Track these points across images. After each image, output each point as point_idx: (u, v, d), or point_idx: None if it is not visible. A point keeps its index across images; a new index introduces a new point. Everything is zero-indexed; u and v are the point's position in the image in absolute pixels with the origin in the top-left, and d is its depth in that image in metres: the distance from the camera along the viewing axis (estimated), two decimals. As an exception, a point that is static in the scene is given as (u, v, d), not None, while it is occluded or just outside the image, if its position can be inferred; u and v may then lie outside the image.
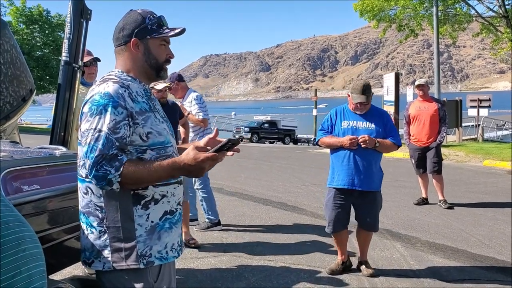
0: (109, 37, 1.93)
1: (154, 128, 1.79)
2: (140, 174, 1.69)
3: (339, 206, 3.90)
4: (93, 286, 2.24)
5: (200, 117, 5.01)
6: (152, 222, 1.79)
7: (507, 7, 18.13)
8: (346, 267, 4.04)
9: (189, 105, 5.08)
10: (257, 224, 5.68)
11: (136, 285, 1.78)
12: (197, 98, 5.11)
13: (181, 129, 4.99)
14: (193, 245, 4.62)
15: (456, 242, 4.98)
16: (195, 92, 5.23)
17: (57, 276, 2.57)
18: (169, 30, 1.87)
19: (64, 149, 2.69)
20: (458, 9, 19.82)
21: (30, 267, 1.30)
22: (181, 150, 1.87)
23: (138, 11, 1.87)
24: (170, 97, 5.16)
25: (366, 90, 3.82)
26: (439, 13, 18.04)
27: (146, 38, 1.84)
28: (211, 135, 1.91)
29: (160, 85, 4.71)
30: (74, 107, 3.31)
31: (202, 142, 1.90)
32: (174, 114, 4.75)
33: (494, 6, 19.03)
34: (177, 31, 1.87)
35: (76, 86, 3.31)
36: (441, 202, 6.72)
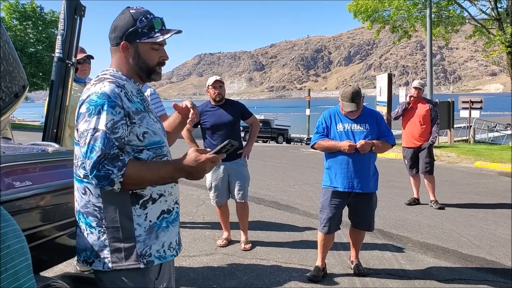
0: (105, 34, 1.92)
1: (150, 128, 1.79)
2: (142, 175, 1.69)
3: (335, 207, 3.91)
4: (85, 283, 2.24)
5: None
6: (150, 221, 1.79)
7: (499, 9, 18.26)
8: (325, 274, 3.99)
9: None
10: (249, 222, 5.67)
11: (139, 283, 1.78)
12: (155, 93, 4.59)
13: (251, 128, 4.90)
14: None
15: (447, 242, 5.02)
16: (151, 87, 4.63)
17: (48, 273, 2.57)
18: (159, 34, 1.83)
19: (56, 145, 2.67)
20: (451, 11, 19.91)
21: (16, 263, 1.30)
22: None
23: (132, 11, 1.82)
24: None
25: (355, 97, 3.78)
26: (433, 15, 18.12)
27: (136, 42, 1.81)
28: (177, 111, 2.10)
29: (211, 79, 4.62)
30: (67, 104, 3.29)
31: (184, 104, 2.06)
32: (235, 113, 4.68)
33: (486, 9, 19.16)
34: (166, 36, 1.83)
35: (69, 83, 3.29)
36: (433, 202, 6.76)
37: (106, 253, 1.76)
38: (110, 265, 1.76)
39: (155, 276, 1.83)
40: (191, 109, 2.06)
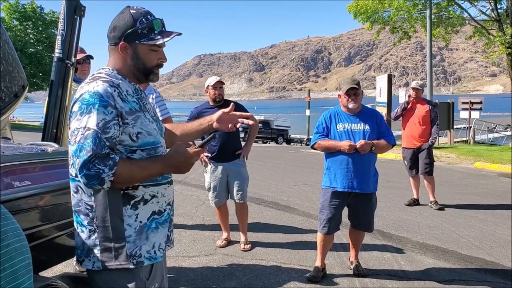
0: (104, 34, 1.91)
1: (144, 128, 1.78)
2: (133, 173, 1.70)
3: (335, 208, 3.90)
4: (84, 283, 2.24)
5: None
6: (140, 222, 1.79)
7: (499, 11, 18.26)
8: (324, 274, 4.00)
9: (152, 102, 4.38)
10: (249, 223, 5.67)
11: (129, 283, 1.78)
12: (160, 95, 4.54)
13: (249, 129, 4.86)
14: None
15: (447, 243, 5.02)
16: (156, 91, 4.57)
17: (47, 273, 2.57)
18: (159, 36, 1.80)
19: (56, 145, 2.67)
20: (451, 12, 19.93)
21: (15, 262, 1.29)
22: None
23: (132, 11, 1.80)
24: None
25: (355, 80, 3.96)
26: (433, 16, 18.13)
27: (135, 43, 1.79)
28: (226, 110, 2.13)
29: (211, 80, 4.58)
30: (66, 104, 3.29)
31: (216, 116, 2.12)
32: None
33: (486, 10, 19.14)
34: (166, 39, 1.80)
35: (69, 83, 3.29)
36: (432, 203, 6.76)
37: (96, 252, 1.76)
38: (100, 264, 1.76)
39: (146, 276, 1.82)
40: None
